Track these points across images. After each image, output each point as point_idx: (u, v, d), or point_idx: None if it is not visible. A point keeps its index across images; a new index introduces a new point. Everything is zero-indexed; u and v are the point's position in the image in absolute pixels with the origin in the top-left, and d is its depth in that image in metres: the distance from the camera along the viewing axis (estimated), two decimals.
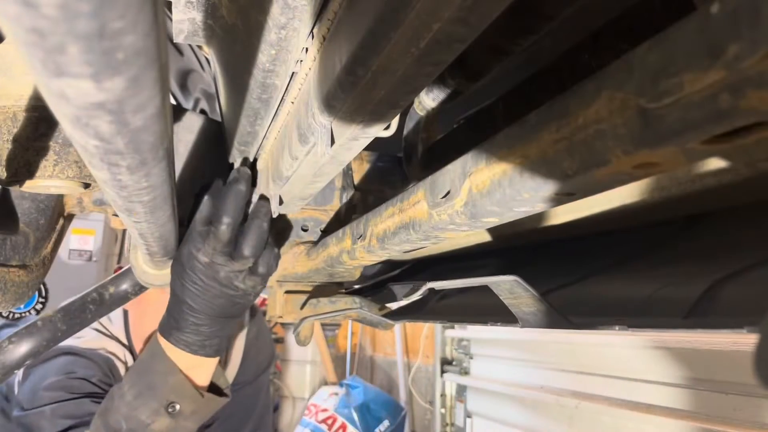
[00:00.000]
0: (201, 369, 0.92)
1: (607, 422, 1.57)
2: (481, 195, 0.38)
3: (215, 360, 0.93)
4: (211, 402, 0.95)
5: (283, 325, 3.61)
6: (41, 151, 0.69)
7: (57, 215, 0.99)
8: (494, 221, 0.41)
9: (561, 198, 0.33)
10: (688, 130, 0.22)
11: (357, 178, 1.11)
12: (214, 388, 0.98)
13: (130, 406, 0.88)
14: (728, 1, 0.19)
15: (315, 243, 0.95)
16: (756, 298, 0.48)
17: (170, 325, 0.86)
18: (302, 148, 0.56)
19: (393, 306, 1.02)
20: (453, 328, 2.48)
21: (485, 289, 0.59)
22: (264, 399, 1.77)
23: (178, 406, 0.89)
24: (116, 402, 0.90)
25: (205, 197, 0.80)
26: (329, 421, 2.99)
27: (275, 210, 0.78)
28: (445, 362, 2.52)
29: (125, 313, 1.55)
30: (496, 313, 0.68)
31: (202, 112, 1.47)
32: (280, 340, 3.81)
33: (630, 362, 1.50)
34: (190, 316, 0.83)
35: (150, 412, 0.88)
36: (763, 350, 0.23)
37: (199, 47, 1.30)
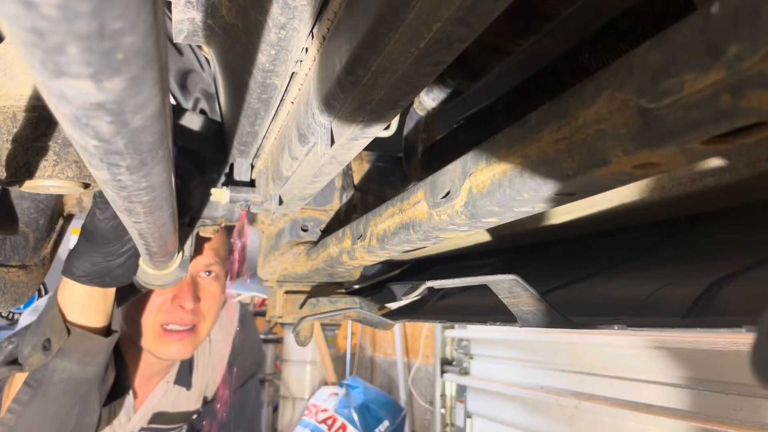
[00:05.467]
0: (91, 302, 0.94)
1: (607, 422, 1.57)
2: (481, 195, 0.38)
3: (104, 291, 0.95)
4: (85, 339, 0.94)
5: (282, 325, 3.60)
6: (41, 151, 0.69)
7: (57, 215, 0.99)
8: (494, 221, 0.41)
9: (561, 198, 0.33)
10: (688, 130, 0.22)
11: (357, 178, 1.11)
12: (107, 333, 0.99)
13: (25, 340, 0.93)
14: (728, 1, 0.19)
15: (315, 243, 0.95)
16: (755, 298, 0.48)
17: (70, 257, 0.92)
18: (302, 148, 0.56)
19: (393, 306, 1.02)
20: (453, 328, 2.48)
21: (485, 288, 0.59)
22: (254, 404, 1.76)
23: (52, 343, 0.91)
24: (25, 335, 0.94)
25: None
26: (329, 422, 2.98)
27: (275, 210, 0.78)
28: (445, 362, 2.51)
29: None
30: (496, 312, 0.67)
31: (202, 112, 1.47)
32: (279, 340, 3.80)
33: (630, 362, 1.50)
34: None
35: (31, 347, 0.91)
36: (760, 348, 0.23)
37: (199, 47, 1.30)
